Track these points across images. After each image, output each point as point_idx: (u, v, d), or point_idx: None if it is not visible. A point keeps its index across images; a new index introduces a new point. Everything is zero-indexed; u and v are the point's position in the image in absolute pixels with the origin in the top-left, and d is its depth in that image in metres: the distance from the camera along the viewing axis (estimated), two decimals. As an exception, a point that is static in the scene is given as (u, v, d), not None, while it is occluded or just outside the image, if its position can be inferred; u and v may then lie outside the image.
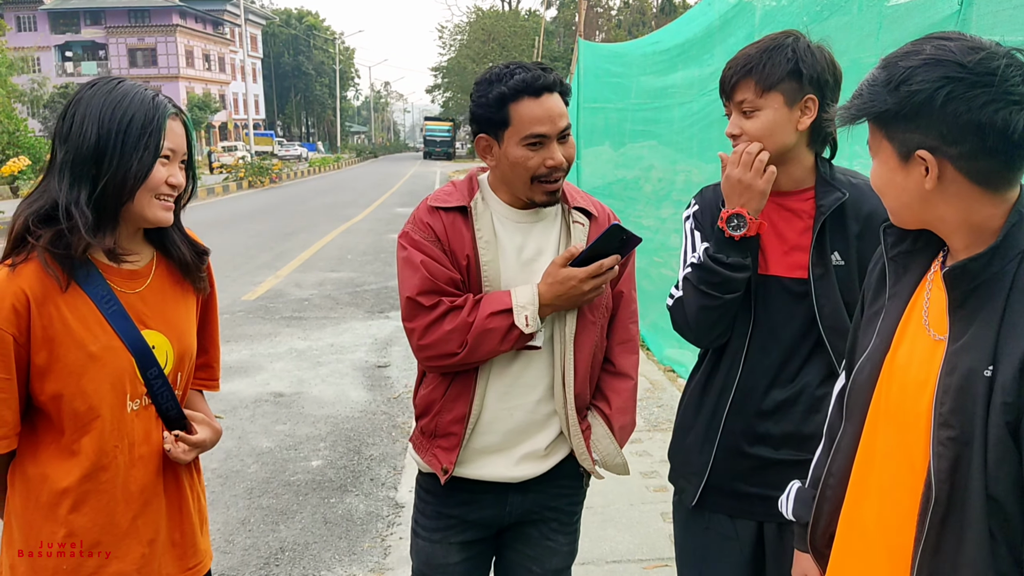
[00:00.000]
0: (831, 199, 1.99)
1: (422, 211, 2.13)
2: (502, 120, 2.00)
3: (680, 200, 7.45)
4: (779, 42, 1.96)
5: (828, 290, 1.99)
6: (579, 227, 2.14)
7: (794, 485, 1.85)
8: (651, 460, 4.84)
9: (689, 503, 2.20)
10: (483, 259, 2.07)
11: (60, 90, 46.99)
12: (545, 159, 2.01)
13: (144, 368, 1.80)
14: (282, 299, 9.90)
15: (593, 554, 3.71)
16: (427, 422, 2.18)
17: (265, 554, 3.91)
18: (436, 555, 2.25)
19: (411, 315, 2.06)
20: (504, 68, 2.03)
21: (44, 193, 1.73)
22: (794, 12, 5.22)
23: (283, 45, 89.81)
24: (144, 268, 1.85)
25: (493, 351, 2.03)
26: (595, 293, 2.04)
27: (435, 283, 2.03)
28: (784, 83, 1.93)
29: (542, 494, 2.22)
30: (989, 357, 1.30)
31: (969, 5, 2.99)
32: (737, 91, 1.99)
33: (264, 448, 5.26)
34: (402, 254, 2.10)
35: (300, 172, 42.97)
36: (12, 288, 1.67)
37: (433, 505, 2.24)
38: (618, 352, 2.26)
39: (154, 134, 1.71)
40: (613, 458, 2.21)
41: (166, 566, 1.90)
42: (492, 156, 2.08)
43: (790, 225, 2.05)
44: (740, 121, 2.00)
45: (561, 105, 2.02)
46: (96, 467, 1.76)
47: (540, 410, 2.15)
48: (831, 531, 1.64)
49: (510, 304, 2.00)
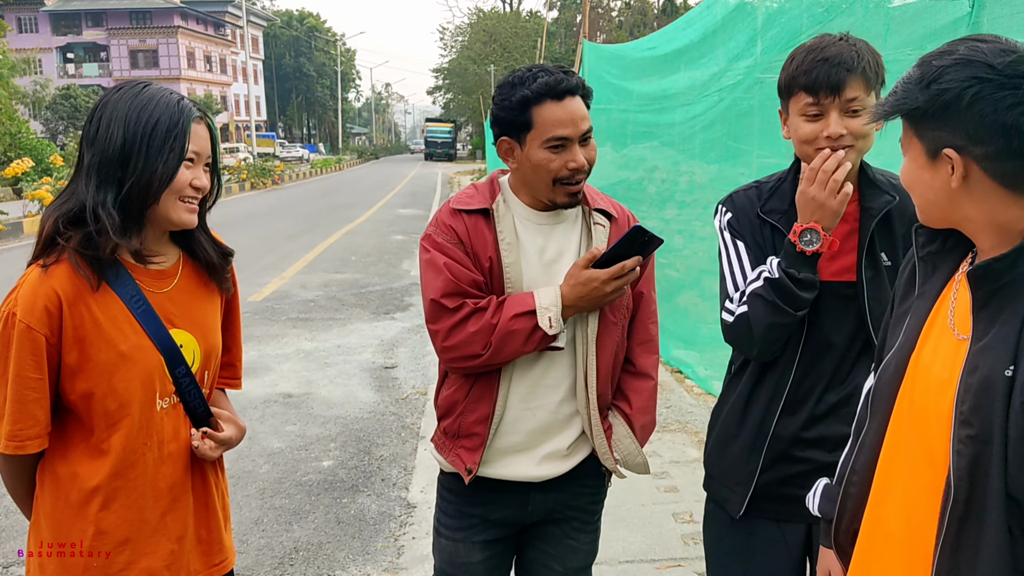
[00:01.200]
0: (880, 202, 1.97)
1: (444, 213, 2.14)
2: (524, 123, 2.01)
3: (684, 201, 7.48)
4: (863, 42, 1.92)
5: (878, 292, 1.97)
6: (600, 229, 2.16)
7: (821, 482, 1.86)
8: (660, 461, 4.86)
9: (736, 512, 2.15)
10: (505, 261, 2.09)
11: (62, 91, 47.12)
12: (567, 161, 2.01)
13: (173, 367, 1.82)
14: (288, 300, 9.92)
15: (606, 554, 3.73)
16: (450, 423, 2.19)
17: (279, 554, 3.93)
18: (459, 553, 2.26)
19: (435, 317, 2.07)
20: (527, 71, 2.04)
21: (72, 195, 1.76)
22: (796, 14, 5.23)
23: (284, 47, 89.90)
24: (171, 268, 1.88)
25: (517, 352, 2.04)
26: (617, 294, 2.05)
27: (458, 285, 2.05)
28: (879, 84, 1.93)
29: (564, 493, 2.23)
30: (1010, 357, 1.31)
31: (981, 7, 3.01)
32: (848, 88, 1.88)
33: (275, 448, 5.28)
34: (425, 256, 2.12)
35: (302, 174, 43.01)
36: (44, 289, 1.69)
37: (455, 504, 2.26)
38: (638, 352, 2.27)
39: (179, 137, 1.74)
40: (634, 457, 2.23)
41: (193, 562, 1.93)
42: (514, 159, 2.09)
43: (844, 227, 2.02)
44: (845, 120, 1.90)
45: (583, 108, 2.03)
46: (126, 464, 1.79)
47: (562, 410, 2.16)
48: (854, 528, 1.64)
49: (533, 306, 2.01)
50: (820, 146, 1.93)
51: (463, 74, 65.08)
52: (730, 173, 6.45)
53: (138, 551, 1.82)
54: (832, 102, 1.90)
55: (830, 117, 1.91)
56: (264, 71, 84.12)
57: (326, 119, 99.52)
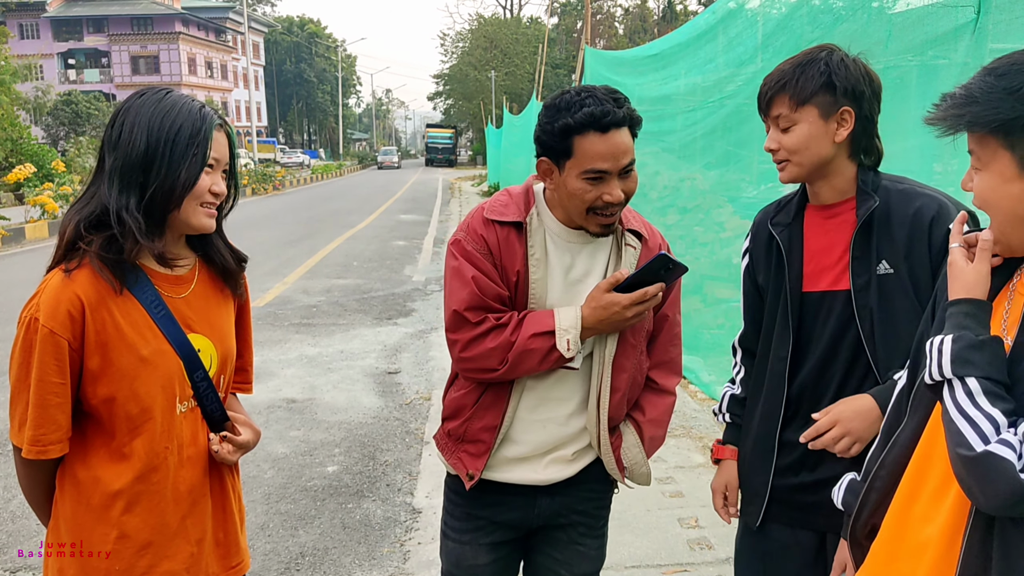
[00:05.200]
0: (864, 208, 2.00)
1: (477, 221, 2.10)
2: (564, 150, 1.96)
3: (685, 207, 7.50)
4: (812, 56, 1.98)
5: (866, 299, 1.99)
6: (631, 250, 2.12)
7: (848, 476, 1.87)
8: (665, 466, 4.87)
9: (754, 524, 2.21)
10: (532, 277, 2.07)
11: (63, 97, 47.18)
12: (603, 194, 1.96)
13: (191, 371, 1.84)
14: (290, 305, 9.94)
15: (612, 559, 3.72)
16: (456, 426, 2.19)
17: (285, 559, 3.94)
18: (466, 556, 2.27)
19: (455, 327, 2.05)
20: (575, 95, 1.96)
21: (93, 199, 1.77)
22: (799, 22, 5.25)
23: (285, 53, 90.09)
24: (188, 274, 1.90)
25: (532, 370, 2.03)
26: (636, 319, 2.02)
27: (483, 299, 2.03)
28: (818, 96, 1.95)
29: (570, 497, 2.23)
30: None
31: (986, 13, 3.03)
32: (773, 106, 2.02)
33: (280, 454, 5.29)
34: (453, 263, 2.09)
35: (303, 179, 43.04)
36: (67, 294, 1.70)
37: (462, 507, 2.26)
38: (659, 373, 2.26)
39: (201, 144, 1.76)
40: (639, 467, 2.23)
41: (212, 565, 1.95)
42: (551, 181, 2.05)
43: (838, 237, 2.06)
44: (777, 136, 2.03)
45: (628, 141, 1.96)
46: (148, 468, 1.80)
47: (571, 424, 2.16)
48: (873, 523, 1.66)
49: (553, 326, 1.99)
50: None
51: (464, 80, 65.24)
52: (731, 179, 6.48)
53: (159, 554, 1.84)
54: (767, 120, 2.07)
55: (770, 132, 2.07)
56: (265, 77, 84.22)
57: (327, 125, 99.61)
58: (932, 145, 3.26)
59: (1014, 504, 1.27)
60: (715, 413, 2.39)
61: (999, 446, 1.27)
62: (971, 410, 1.32)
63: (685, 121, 7.22)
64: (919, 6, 4.04)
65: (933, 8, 3.79)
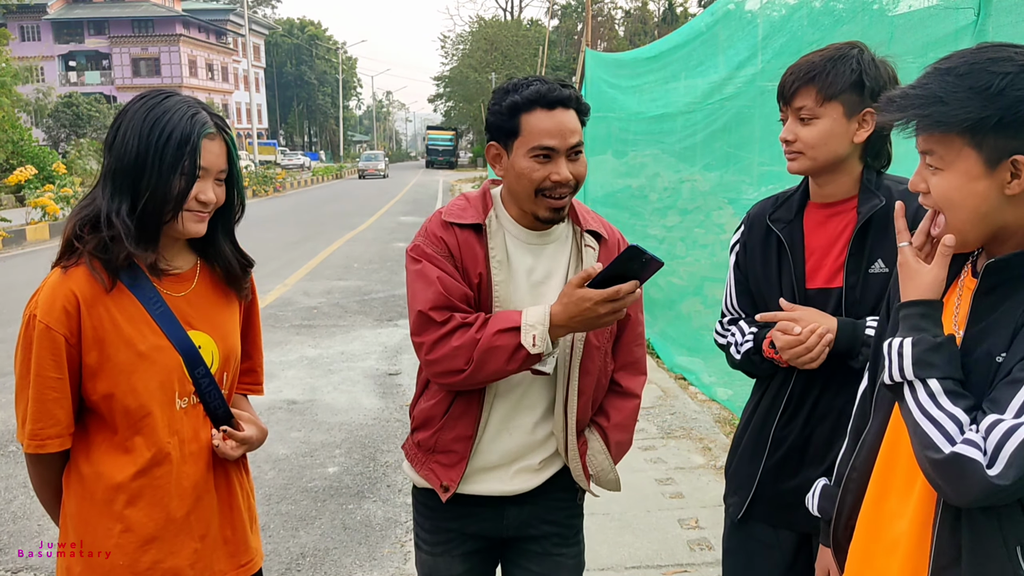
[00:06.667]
0: (867, 207, 2.00)
1: (435, 225, 2.08)
2: (512, 129, 1.98)
3: (686, 209, 7.51)
4: (844, 52, 1.97)
5: (855, 297, 2.01)
6: (590, 251, 2.12)
7: (820, 482, 1.89)
8: (666, 467, 4.88)
9: (735, 516, 2.23)
10: (495, 279, 2.04)
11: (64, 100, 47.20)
12: (551, 173, 1.96)
13: (192, 367, 1.85)
14: (291, 307, 9.94)
15: (612, 560, 3.75)
16: (426, 437, 2.14)
17: (286, 559, 3.95)
18: (439, 568, 2.25)
19: (420, 329, 2.01)
20: (522, 79, 2.01)
21: (92, 201, 1.79)
22: (798, 23, 5.26)
23: (286, 55, 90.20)
24: (188, 272, 1.91)
25: (500, 371, 1.96)
26: (612, 317, 1.93)
27: (449, 299, 1.99)
28: (845, 94, 1.94)
29: (538, 506, 2.20)
30: (1004, 345, 1.36)
31: (986, 16, 3.03)
32: (797, 97, 1.98)
33: (280, 455, 5.30)
34: (414, 267, 2.06)
35: (303, 181, 43.08)
36: (63, 290, 1.73)
37: (432, 519, 2.23)
38: (624, 375, 2.24)
39: (190, 154, 1.74)
40: (607, 474, 2.20)
41: (218, 562, 1.95)
42: (501, 166, 2.05)
43: (838, 235, 2.07)
44: (796, 127, 2.01)
45: (574, 121, 1.98)
46: (151, 463, 1.82)
47: (537, 432, 2.14)
48: (852, 524, 1.67)
49: (519, 322, 1.94)
50: (784, 150, 2.06)
51: (464, 82, 65.23)
52: (731, 181, 6.48)
53: (164, 550, 1.85)
54: (787, 110, 2.03)
55: (787, 123, 2.04)
56: (265, 79, 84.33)
57: (327, 127, 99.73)
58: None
59: (985, 499, 1.30)
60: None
61: (965, 447, 1.29)
62: (934, 411, 1.34)
63: (684, 123, 7.22)
64: (920, 8, 4.05)
65: (934, 10, 3.80)
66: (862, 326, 1.96)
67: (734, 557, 2.29)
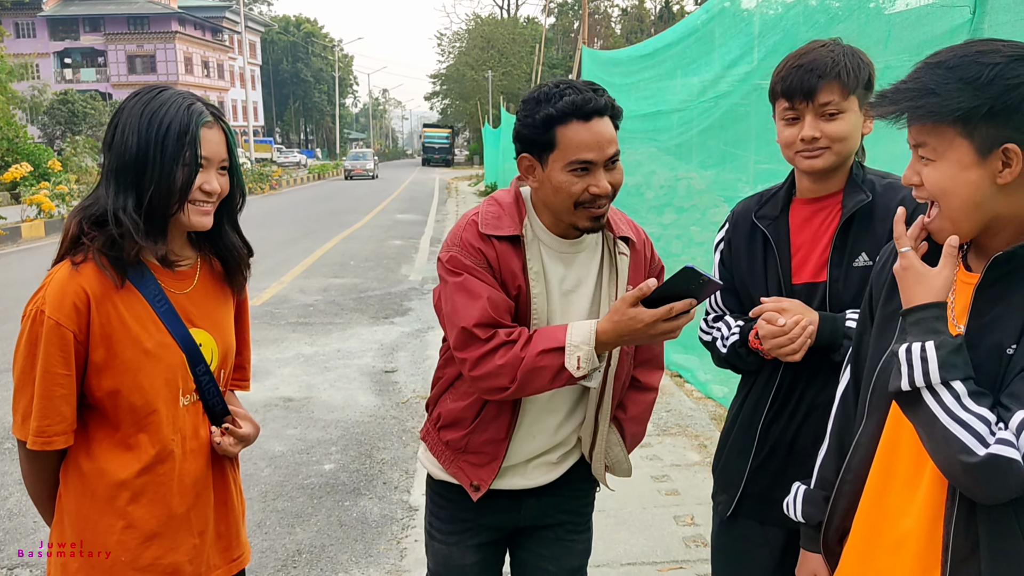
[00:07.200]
0: (853, 202, 2.01)
1: (472, 235, 2.00)
2: (547, 142, 1.90)
3: (682, 207, 7.51)
4: (846, 48, 1.98)
5: (838, 291, 2.01)
6: (624, 258, 2.08)
7: (800, 487, 1.87)
8: (661, 464, 4.88)
9: (724, 514, 2.24)
10: (533, 291, 2.00)
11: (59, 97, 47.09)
12: (589, 185, 1.91)
13: (193, 364, 1.87)
14: (287, 305, 9.94)
15: (608, 556, 3.75)
16: (457, 438, 2.14)
17: (282, 556, 3.95)
18: (452, 557, 2.27)
19: (464, 345, 1.94)
20: (554, 87, 1.92)
21: (96, 200, 1.79)
22: (793, 20, 5.26)
23: (282, 52, 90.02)
24: (190, 270, 1.92)
25: (544, 388, 1.93)
26: (665, 337, 1.86)
27: (494, 316, 1.93)
28: (860, 88, 1.96)
29: (556, 497, 2.23)
30: (1015, 336, 1.36)
31: (982, 14, 3.04)
32: (822, 92, 1.94)
33: (276, 452, 5.29)
34: (454, 279, 1.98)
35: (299, 179, 43.03)
36: (73, 286, 1.72)
37: (448, 509, 2.25)
38: (642, 370, 2.26)
39: (191, 144, 1.75)
40: (621, 464, 2.24)
41: (213, 557, 1.97)
42: (535, 178, 1.99)
43: (823, 229, 2.08)
44: (819, 123, 1.97)
45: (611, 130, 1.92)
46: (155, 460, 1.82)
47: (560, 432, 2.15)
48: (844, 527, 1.68)
49: (563, 342, 1.87)
50: (798, 149, 2.01)
51: (461, 80, 65.23)
52: (727, 179, 6.48)
53: (165, 546, 1.86)
54: (806, 107, 1.97)
55: (805, 121, 1.98)
56: (261, 76, 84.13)
57: (323, 124, 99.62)
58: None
59: (1016, 495, 1.30)
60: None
61: (1002, 447, 1.29)
62: (962, 413, 1.33)
63: (680, 120, 7.22)
64: (916, 6, 4.05)
65: (930, 8, 3.81)
66: (842, 319, 1.97)
67: (723, 554, 2.30)
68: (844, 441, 1.73)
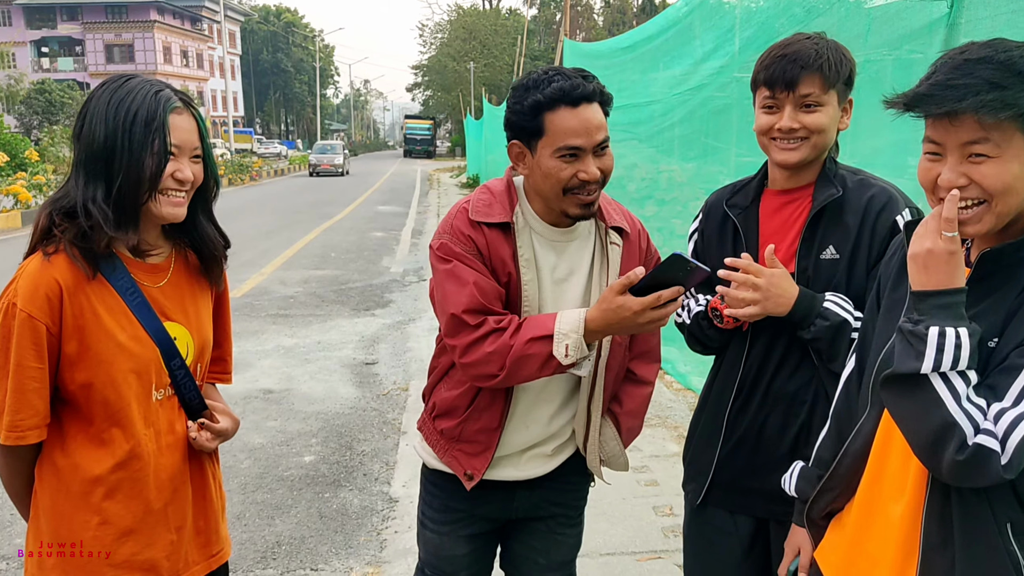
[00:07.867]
0: (823, 196, 2.02)
1: (462, 222, 2.02)
2: (536, 129, 1.92)
3: (663, 199, 7.54)
4: (829, 42, 1.98)
5: (808, 283, 2.02)
6: (616, 248, 2.09)
7: (798, 464, 1.93)
8: (641, 455, 4.91)
9: (694, 502, 2.26)
10: (524, 279, 2.01)
11: (36, 86, 46.61)
12: (578, 171, 1.91)
13: (168, 359, 1.84)
14: (267, 296, 9.88)
15: (587, 547, 3.75)
16: (451, 426, 2.15)
17: (262, 548, 3.94)
18: (444, 546, 2.28)
19: (453, 332, 1.96)
20: (543, 74, 1.94)
21: (67, 191, 1.77)
22: (774, 14, 5.27)
23: (262, 42, 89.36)
24: (164, 263, 1.89)
25: (533, 376, 1.94)
26: (654, 325, 1.87)
27: (483, 302, 1.94)
28: (840, 83, 1.97)
29: (549, 490, 2.24)
30: (996, 331, 1.38)
31: (960, 8, 3.06)
32: (803, 83, 1.94)
33: (256, 444, 5.27)
34: (444, 267, 1.99)
35: (280, 170, 42.72)
36: (45, 278, 1.69)
37: (441, 499, 2.26)
38: (639, 363, 2.26)
39: (158, 131, 1.72)
40: (617, 458, 2.25)
41: (191, 553, 1.95)
42: (524, 164, 2.00)
43: (792, 221, 2.09)
44: (798, 114, 1.97)
45: (600, 116, 1.93)
46: (129, 455, 1.80)
47: (554, 423, 2.16)
48: (833, 508, 1.72)
49: (552, 330, 1.89)
50: (773, 136, 2.03)
51: (443, 71, 64.94)
52: (708, 171, 6.51)
53: (141, 542, 1.84)
54: (787, 97, 1.98)
55: (784, 111, 1.99)
56: (241, 66, 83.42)
57: (304, 115, 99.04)
58: (906, 140, 3.30)
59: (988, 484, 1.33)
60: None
61: (985, 437, 1.31)
62: (966, 403, 1.35)
63: (661, 110, 7.24)
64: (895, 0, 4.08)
65: (908, 2, 3.83)
66: (821, 299, 1.97)
67: (694, 543, 2.32)
68: (843, 425, 1.75)
